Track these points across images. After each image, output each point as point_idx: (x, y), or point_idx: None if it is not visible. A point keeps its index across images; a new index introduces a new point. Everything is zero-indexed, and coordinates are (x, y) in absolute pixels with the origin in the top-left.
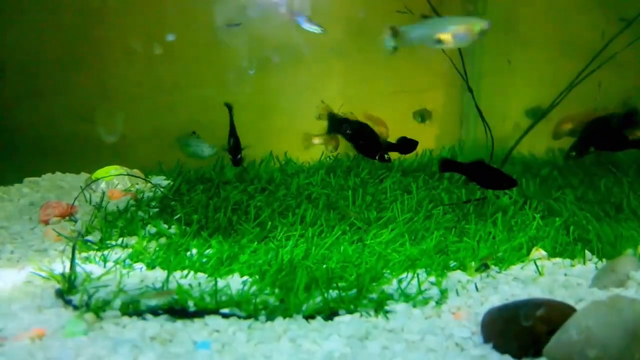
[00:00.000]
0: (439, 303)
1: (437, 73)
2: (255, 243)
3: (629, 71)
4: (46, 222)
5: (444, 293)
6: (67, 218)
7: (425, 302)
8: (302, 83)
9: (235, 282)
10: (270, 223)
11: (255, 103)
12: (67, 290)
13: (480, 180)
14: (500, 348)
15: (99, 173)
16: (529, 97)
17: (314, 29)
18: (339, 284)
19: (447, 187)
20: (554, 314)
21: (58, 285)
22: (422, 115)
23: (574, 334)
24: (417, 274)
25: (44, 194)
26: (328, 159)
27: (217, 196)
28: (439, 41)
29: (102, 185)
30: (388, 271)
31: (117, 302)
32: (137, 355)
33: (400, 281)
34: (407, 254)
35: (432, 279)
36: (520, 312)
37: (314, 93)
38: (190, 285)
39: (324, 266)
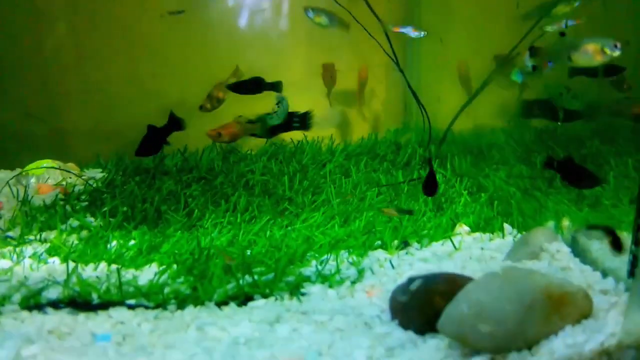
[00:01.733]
0: (354, 282)
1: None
2: (180, 232)
3: None
4: None
5: (360, 272)
6: None
7: (341, 282)
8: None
9: (150, 273)
10: (197, 211)
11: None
12: None
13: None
14: (404, 324)
15: (30, 167)
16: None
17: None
18: (258, 269)
19: (387, 168)
20: (453, 288)
21: None
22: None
23: (464, 307)
24: (338, 255)
25: None
26: (272, 145)
27: (150, 187)
28: (572, 59)
29: (32, 180)
30: (311, 253)
31: (17, 297)
32: (22, 349)
33: (320, 262)
34: (334, 236)
35: (353, 258)
36: (418, 287)
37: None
38: (98, 277)
39: (246, 252)
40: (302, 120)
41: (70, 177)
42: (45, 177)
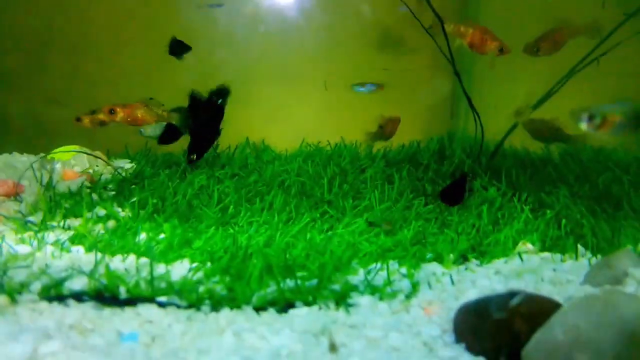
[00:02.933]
0: (408, 297)
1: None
2: (214, 228)
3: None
4: None
5: (415, 286)
6: (12, 198)
7: (394, 295)
8: (289, 68)
9: (182, 269)
10: (232, 208)
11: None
12: None
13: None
14: (473, 349)
15: (56, 152)
16: (526, 83)
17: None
18: (299, 274)
19: (432, 178)
20: (536, 309)
21: None
22: None
23: (559, 333)
24: (388, 265)
25: None
26: (308, 146)
27: (181, 180)
28: None
29: (58, 165)
30: (356, 261)
31: (36, 285)
32: (39, 344)
33: (368, 272)
34: (380, 244)
35: (404, 270)
36: (494, 306)
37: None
38: (126, 270)
39: (285, 254)
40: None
41: (97, 165)
42: (72, 163)
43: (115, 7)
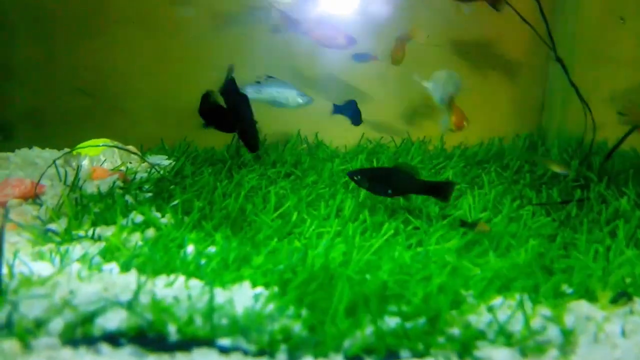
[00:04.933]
0: (565, 353)
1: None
2: (276, 240)
3: None
4: (3, 205)
5: (568, 335)
6: (30, 200)
7: (541, 349)
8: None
9: (243, 295)
10: (296, 215)
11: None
12: None
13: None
14: None
15: (83, 146)
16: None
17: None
18: (396, 307)
19: (529, 182)
20: None
21: None
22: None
23: None
24: (521, 301)
25: (12, 171)
26: (369, 142)
27: (228, 180)
28: None
29: (85, 161)
30: (470, 292)
31: (58, 323)
32: None
33: (491, 309)
34: (493, 269)
35: (546, 310)
36: None
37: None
38: (176, 298)
39: (374, 279)
40: None
41: (130, 162)
42: (101, 159)
43: None
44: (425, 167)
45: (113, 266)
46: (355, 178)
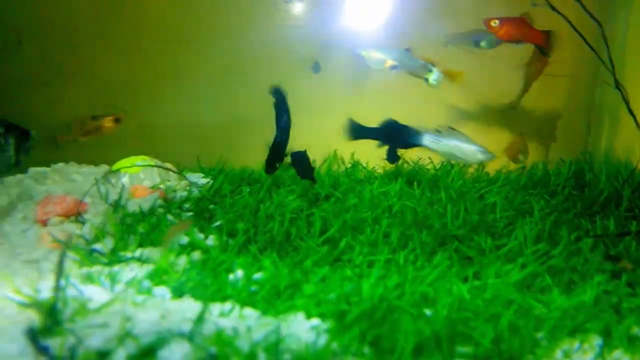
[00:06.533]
0: None
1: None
2: (326, 268)
3: None
4: (44, 223)
5: None
6: (72, 218)
7: None
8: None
9: (300, 327)
10: (344, 240)
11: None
12: (45, 329)
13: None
14: None
15: (121, 164)
16: None
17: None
18: (463, 348)
19: (580, 211)
20: None
21: (37, 318)
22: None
23: None
24: (602, 348)
25: (49, 187)
26: (406, 164)
27: (268, 201)
28: None
29: (124, 179)
30: (540, 333)
31: (121, 356)
32: None
33: (566, 355)
34: (561, 308)
35: (619, 354)
36: None
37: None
38: (235, 329)
39: (435, 315)
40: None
41: (169, 180)
42: (141, 177)
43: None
44: (469, 190)
45: (164, 291)
46: None
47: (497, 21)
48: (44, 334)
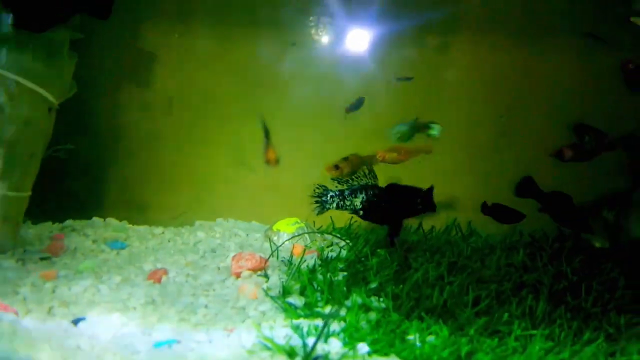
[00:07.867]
0: None
1: None
2: (491, 340)
3: None
4: (238, 275)
5: None
6: (258, 273)
7: None
8: None
9: None
10: (505, 313)
11: None
12: None
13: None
14: None
15: (280, 225)
16: None
17: None
18: None
19: None
20: None
21: None
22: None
23: None
24: None
25: (222, 241)
26: (520, 233)
27: (406, 266)
28: None
29: (284, 237)
30: None
31: None
32: None
33: None
34: None
35: None
36: None
37: None
38: None
39: None
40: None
41: (316, 240)
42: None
43: None
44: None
45: (364, 347)
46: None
47: None
48: None
